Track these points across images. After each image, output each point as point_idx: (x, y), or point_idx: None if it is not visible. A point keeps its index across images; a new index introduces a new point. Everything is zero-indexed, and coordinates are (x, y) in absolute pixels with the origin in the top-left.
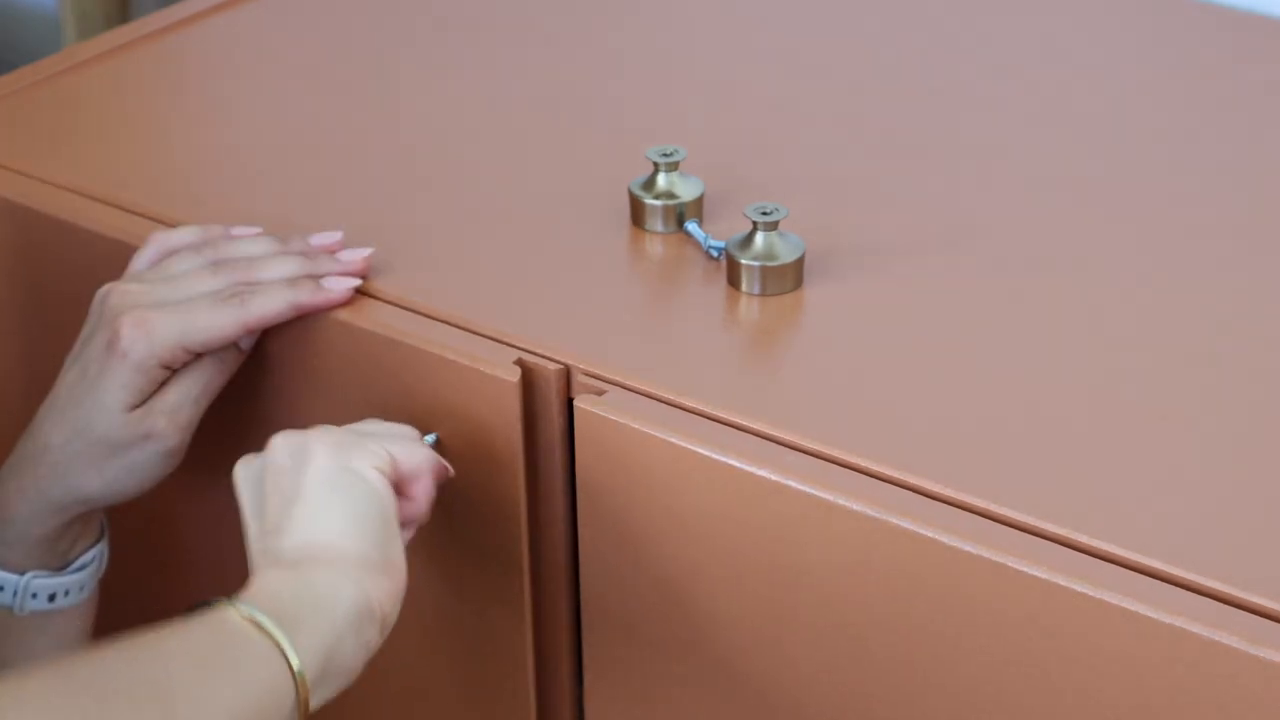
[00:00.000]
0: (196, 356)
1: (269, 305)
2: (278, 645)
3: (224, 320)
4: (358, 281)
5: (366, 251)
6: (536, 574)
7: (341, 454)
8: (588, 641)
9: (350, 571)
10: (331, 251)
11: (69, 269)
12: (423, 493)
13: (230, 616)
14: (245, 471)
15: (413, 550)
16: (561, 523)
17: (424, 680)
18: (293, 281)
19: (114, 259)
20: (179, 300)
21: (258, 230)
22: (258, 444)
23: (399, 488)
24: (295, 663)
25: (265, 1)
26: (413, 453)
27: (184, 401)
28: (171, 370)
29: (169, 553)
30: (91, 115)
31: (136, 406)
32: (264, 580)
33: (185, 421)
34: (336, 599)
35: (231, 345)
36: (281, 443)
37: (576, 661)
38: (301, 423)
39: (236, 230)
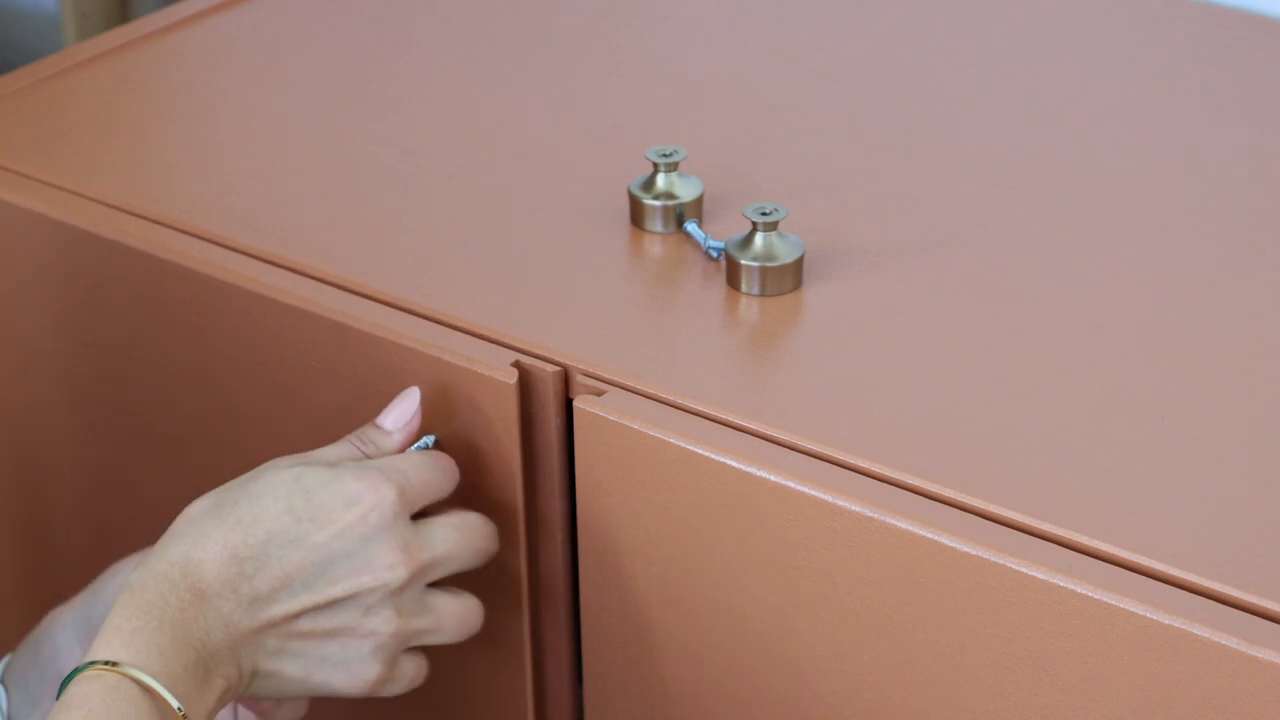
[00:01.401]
0: None
1: None
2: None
3: None
4: None
5: None
6: (534, 575)
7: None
8: (587, 642)
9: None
10: None
11: (68, 269)
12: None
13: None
14: (305, 479)
15: None
16: (559, 525)
17: (424, 681)
18: None
19: (113, 259)
20: None
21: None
22: (255, 445)
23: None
24: None
25: (265, 1)
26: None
27: None
28: None
29: None
30: (91, 115)
31: None
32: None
33: None
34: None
35: None
36: (388, 550)
37: (576, 662)
38: (299, 423)
39: None
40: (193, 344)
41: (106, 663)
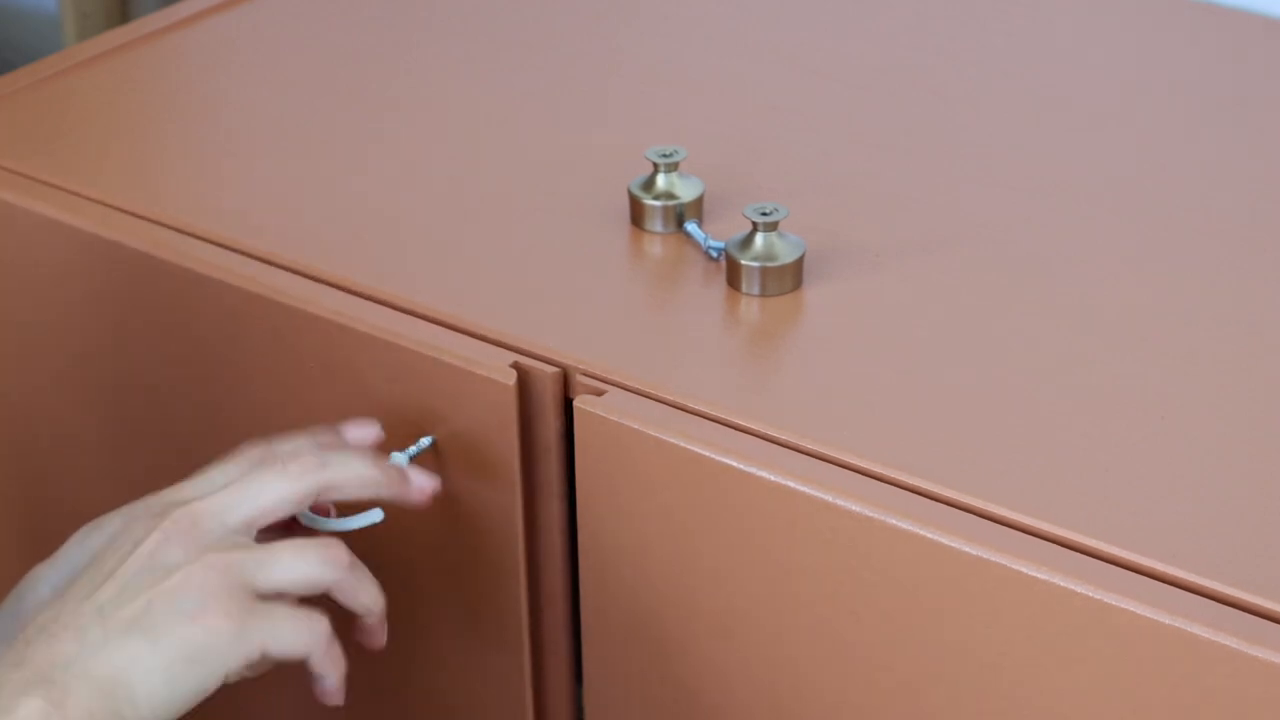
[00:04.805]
0: None
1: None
2: None
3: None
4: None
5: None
6: (534, 575)
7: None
8: (587, 642)
9: None
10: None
11: (67, 270)
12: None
13: None
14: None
15: (411, 554)
16: (558, 526)
17: (423, 682)
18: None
19: (112, 259)
20: None
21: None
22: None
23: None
24: None
25: (265, 1)
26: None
27: None
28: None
29: None
30: (91, 115)
31: None
32: None
33: None
34: None
35: None
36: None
37: (576, 662)
38: (297, 423)
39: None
40: (192, 344)
41: None
